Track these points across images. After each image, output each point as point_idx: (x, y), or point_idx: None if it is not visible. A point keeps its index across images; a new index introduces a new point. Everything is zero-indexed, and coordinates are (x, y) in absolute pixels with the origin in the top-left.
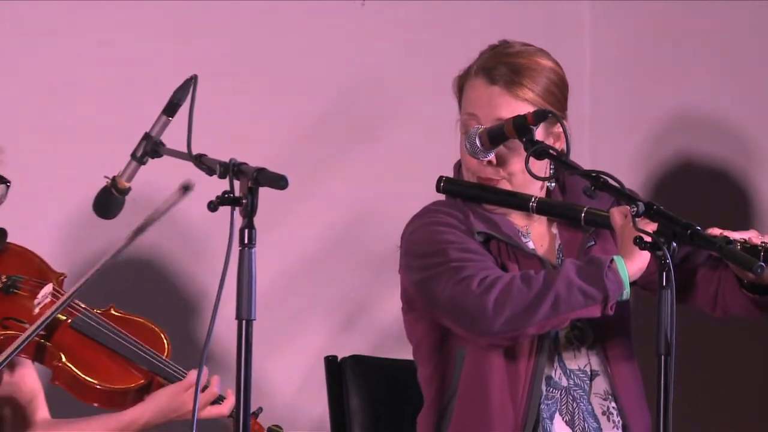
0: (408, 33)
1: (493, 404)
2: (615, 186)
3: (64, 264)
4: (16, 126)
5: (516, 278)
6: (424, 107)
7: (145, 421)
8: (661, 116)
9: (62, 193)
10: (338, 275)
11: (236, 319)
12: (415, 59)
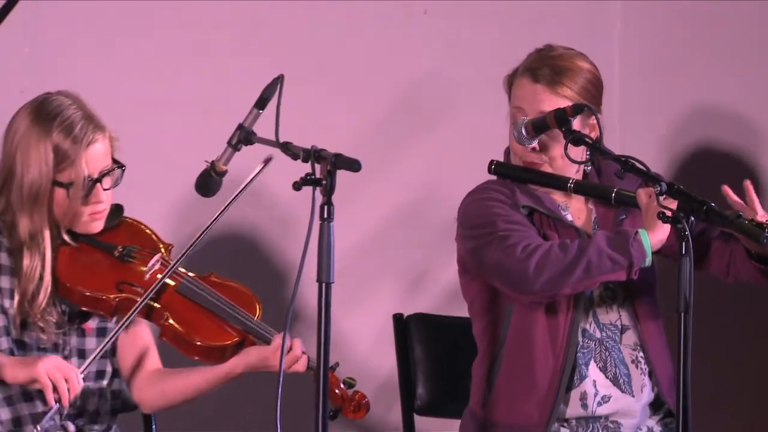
0: (462, 36)
1: (536, 352)
2: (641, 169)
3: (172, 236)
4: (131, 116)
5: (554, 246)
6: (477, 101)
7: (237, 374)
8: (683, 108)
9: (170, 175)
10: (404, 244)
11: (317, 282)
12: (469, 58)
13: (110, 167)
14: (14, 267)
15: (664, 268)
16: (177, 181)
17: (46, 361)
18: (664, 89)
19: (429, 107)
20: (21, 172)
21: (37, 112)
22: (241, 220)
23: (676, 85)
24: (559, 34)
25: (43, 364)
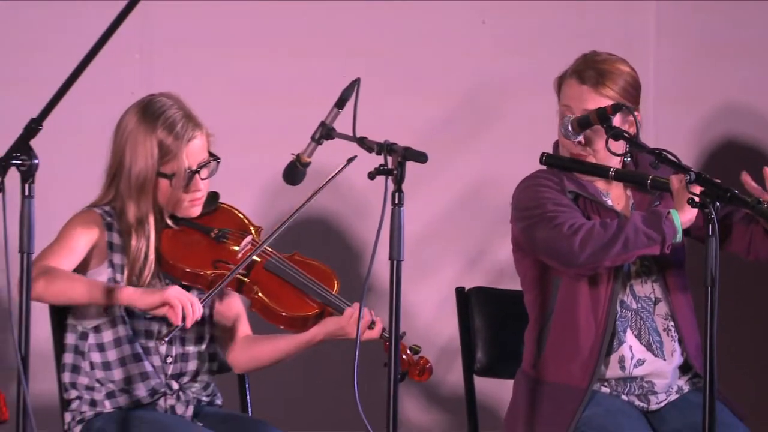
0: (515, 42)
1: (580, 321)
2: (673, 160)
3: (262, 219)
4: (226, 113)
5: (596, 224)
6: (529, 100)
7: (318, 341)
8: (711, 104)
9: (260, 166)
10: (465, 226)
11: (389, 260)
12: (521, 62)
13: (207, 160)
14: (124, 246)
15: (691, 250)
16: (267, 171)
17: (173, 288)
18: (695, 86)
19: (487, 105)
20: (129, 165)
21: (143, 112)
22: (322, 206)
23: (706, 82)
24: (598, 34)
25: (171, 291)
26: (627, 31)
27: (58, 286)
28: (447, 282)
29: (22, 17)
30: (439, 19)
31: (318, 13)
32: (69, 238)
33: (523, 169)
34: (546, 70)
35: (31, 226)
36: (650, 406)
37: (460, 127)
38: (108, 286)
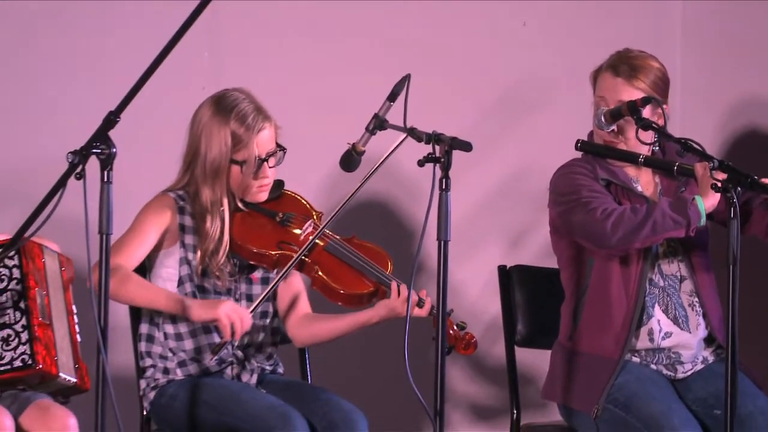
0: (552, 42)
1: (613, 297)
2: (698, 149)
3: (322, 205)
4: (290, 107)
5: (627, 209)
6: (565, 94)
7: (372, 323)
8: (734, 97)
9: (319, 155)
10: (506, 210)
11: (437, 240)
12: (558, 59)
13: (275, 150)
14: (196, 228)
15: (714, 233)
16: (326, 159)
17: (225, 305)
18: (720, 81)
19: (526, 99)
20: (204, 153)
21: (217, 105)
22: (376, 192)
23: (730, 77)
24: (627, 32)
25: (223, 308)
26: (655, 29)
27: (128, 293)
28: (491, 261)
29: (98, 16)
30: (485, 21)
31: (375, 12)
32: (140, 229)
33: (559, 157)
34: (579, 67)
35: (109, 209)
36: (677, 375)
37: (502, 119)
38: (172, 296)
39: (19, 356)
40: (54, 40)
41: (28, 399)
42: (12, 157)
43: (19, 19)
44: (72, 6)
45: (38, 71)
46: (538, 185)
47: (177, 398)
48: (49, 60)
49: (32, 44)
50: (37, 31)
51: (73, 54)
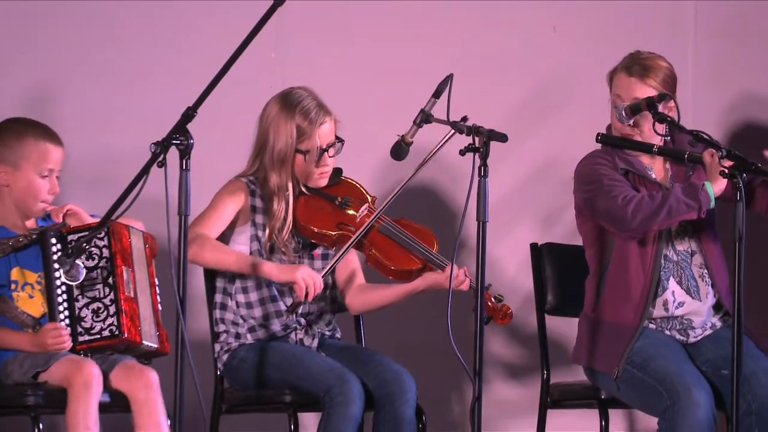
0: (579, 44)
1: (631, 272)
2: (708, 138)
3: (374, 189)
4: (348, 102)
5: (644, 196)
6: (588, 91)
7: (418, 292)
8: (740, 92)
9: (373, 145)
10: (537, 194)
11: (476, 221)
12: (583, 60)
13: (334, 141)
14: (265, 209)
15: (721, 212)
16: (378, 150)
17: (302, 269)
18: (728, 76)
19: (554, 96)
20: (272, 143)
21: (284, 101)
22: (423, 178)
23: (739, 71)
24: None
25: (300, 272)
26: (670, 27)
27: (208, 254)
28: (524, 240)
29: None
30: (519, 26)
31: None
32: (218, 206)
33: (582, 148)
34: (600, 68)
35: (187, 193)
36: (689, 340)
37: (533, 114)
38: (251, 260)
39: (107, 327)
40: (139, 39)
41: (116, 360)
42: (101, 147)
43: (106, 17)
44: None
45: (124, 69)
46: (564, 172)
47: (247, 360)
48: (134, 58)
49: (121, 42)
50: (124, 32)
51: (154, 51)
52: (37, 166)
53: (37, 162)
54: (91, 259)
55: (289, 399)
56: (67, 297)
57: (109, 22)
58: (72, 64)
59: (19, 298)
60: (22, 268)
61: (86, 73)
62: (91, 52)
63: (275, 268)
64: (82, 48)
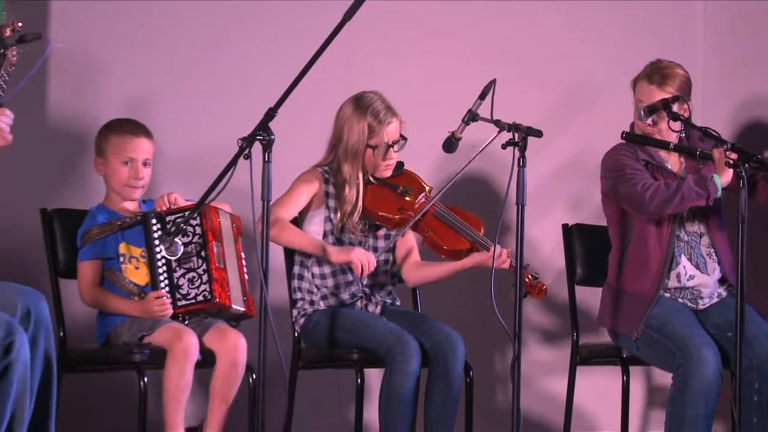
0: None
1: (649, 248)
2: (715, 135)
3: (429, 179)
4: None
5: (661, 184)
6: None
7: (466, 269)
8: (746, 92)
9: (429, 141)
10: (569, 181)
11: (516, 204)
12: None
13: (398, 139)
14: (337, 195)
15: (727, 201)
16: (433, 145)
17: (357, 251)
18: (735, 78)
19: (584, 97)
20: (346, 139)
21: (356, 103)
22: (470, 168)
23: (743, 75)
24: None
25: (355, 253)
26: (681, 35)
27: (285, 237)
28: (557, 221)
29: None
30: (554, 37)
31: (470, 34)
32: (295, 191)
33: (608, 143)
34: (623, 74)
35: (269, 181)
36: (698, 307)
37: (564, 113)
38: (319, 243)
39: (201, 293)
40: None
41: (209, 323)
42: (195, 143)
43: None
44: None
45: (213, 74)
46: (590, 163)
47: (320, 324)
48: (222, 64)
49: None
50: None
51: (240, 58)
52: (118, 154)
53: (117, 151)
54: (186, 236)
55: (356, 357)
56: (167, 269)
57: (198, 35)
58: (166, 71)
59: (126, 269)
60: (129, 244)
61: (179, 79)
62: (183, 60)
63: (335, 251)
64: (175, 57)
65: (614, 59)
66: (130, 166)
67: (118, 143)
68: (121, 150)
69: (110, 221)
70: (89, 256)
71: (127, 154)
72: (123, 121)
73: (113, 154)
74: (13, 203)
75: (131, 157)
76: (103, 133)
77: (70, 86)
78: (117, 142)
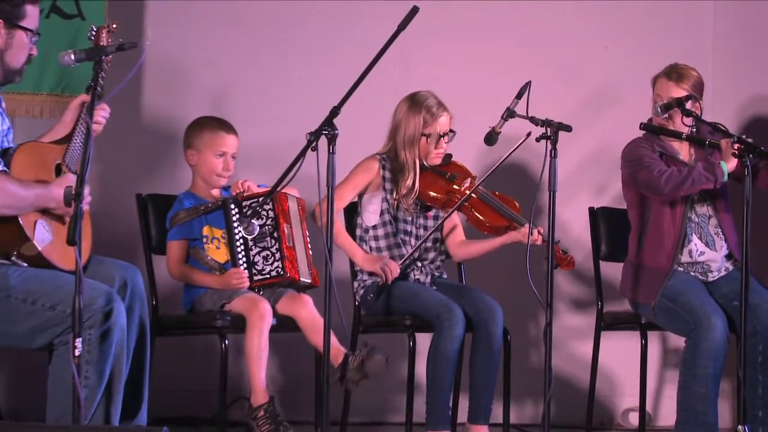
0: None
1: (665, 228)
2: (723, 129)
3: (474, 169)
4: (459, 101)
5: (674, 170)
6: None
7: (505, 245)
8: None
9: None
10: (595, 169)
11: (548, 190)
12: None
13: (448, 131)
14: (393, 178)
15: (732, 188)
16: (477, 138)
17: (382, 261)
18: (740, 79)
19: (608, 96)
20: (404, 129)
21: (413, 100)
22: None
23: (748, 77)
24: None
25: (380, 263)
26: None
27: (337, 241)
28: (584, 205)
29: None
30: (581, 44)
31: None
32: (353, 177)
33: (626, 137)
34: (641, 75)
35: (333, 170)
36: (708, 279)
37: (590, 111)
38: (353, 250)
39: (274, 269)
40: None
41: (282, 292)
42: (268, 136)
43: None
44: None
45: (284, 76)
46: (612, 155)
47: (378, 294)
48: (291, 67)
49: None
50: (284, 49)
51: (307, 61)
52: (213, 148)
53: (212, 145)
54: (261, 219)
55: (408, 323)
56: (244, 247)
57: (273, 43)
58: (245, 73)
59: (209, 248)
60: (211, 226)
61: (256, 80)
62: (259, 63)
63: (363, 260)
64: (252, 60)
65: (633, 65)
66: (222, 158)
67: (213, 138)
68: (216, 144)
69: (195, 206)
70: (177, 237)
71: (220, 148)
72: (213, 118)
73: (207, 148)
74: (113, 190)
75: (223, 151)
76: (196, 129)
77: (161, 86)
78: (211, 137)
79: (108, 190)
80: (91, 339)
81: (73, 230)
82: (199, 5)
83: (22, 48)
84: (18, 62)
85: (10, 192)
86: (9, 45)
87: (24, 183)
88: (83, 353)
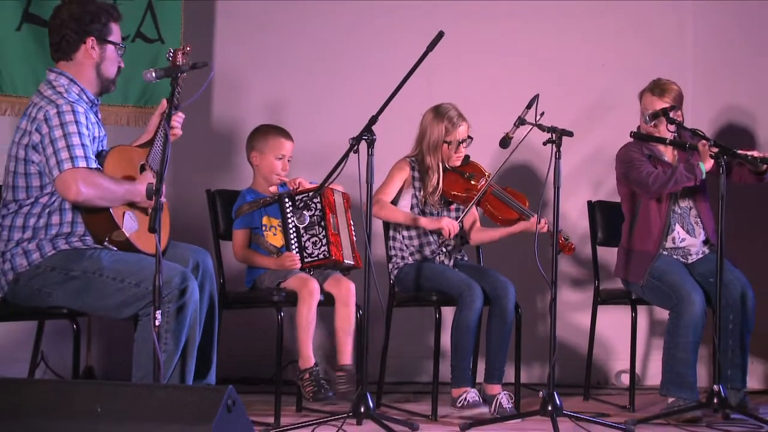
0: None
1: (652, 219)
2: (701, 134)
3: (490, 169)
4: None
5: (660, 171)
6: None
7: (514, 234)
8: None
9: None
10: (593, 168)
11: (553, 186)
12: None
13: (466, 138)
14: (421, 178)
15: (710, 182)
16: (492, 141)
17: (445, 219)
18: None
19: (604, 107)
20: (429, 136)
21: (436, 111)
22: (520, 160)
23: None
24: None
25: (444, 221)
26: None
27: (385, 213)
28: (583, 199)
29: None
30: (580, 63)
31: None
32: (392, 178)
33: (619, 142)
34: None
35: (372, 170)
36: (688, 261)
37: (589, 119)
38: (412, 216)
39: (321, 252)
40: (340, 66)
41: (328, 274)
42: (317, 141)
43: (318, 50)
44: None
45: (331, 87)
46: (608, 157)
47: (409, 274)
48: (337, 80)
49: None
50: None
51: (351, 75)
52: (274, 152)
53: (274, 149)
54: (310, 210)
55: (435, 298)
56: (297, 234)
57: (319, 60)
58: (296, 86)
59: (267, 235)
60: (269, 217)
61: (306, 92)
62: (309, 77)
63: (428, 221)
64: (303, 75)
65: (625, 80)
66: (281, 160)
67: (275, 143)
68: (277, 148)
69: (256, 200)
70: (241, 226)
71: (280, 151)
72: (275, 126)
73: (270, 151)
74: (187, 186)
75: (283, 154)
76: (260, 135)
77: (226, 98)
78: (273, 142)
79: (183, 187)
80: (169, 311)
81: (154, 220)
82: (259, 27)
83: (113, 60)
84: (111, 73)
85: (105, 187)
86: (103, 58)
87: (116, 180)
88: (162, 323)
